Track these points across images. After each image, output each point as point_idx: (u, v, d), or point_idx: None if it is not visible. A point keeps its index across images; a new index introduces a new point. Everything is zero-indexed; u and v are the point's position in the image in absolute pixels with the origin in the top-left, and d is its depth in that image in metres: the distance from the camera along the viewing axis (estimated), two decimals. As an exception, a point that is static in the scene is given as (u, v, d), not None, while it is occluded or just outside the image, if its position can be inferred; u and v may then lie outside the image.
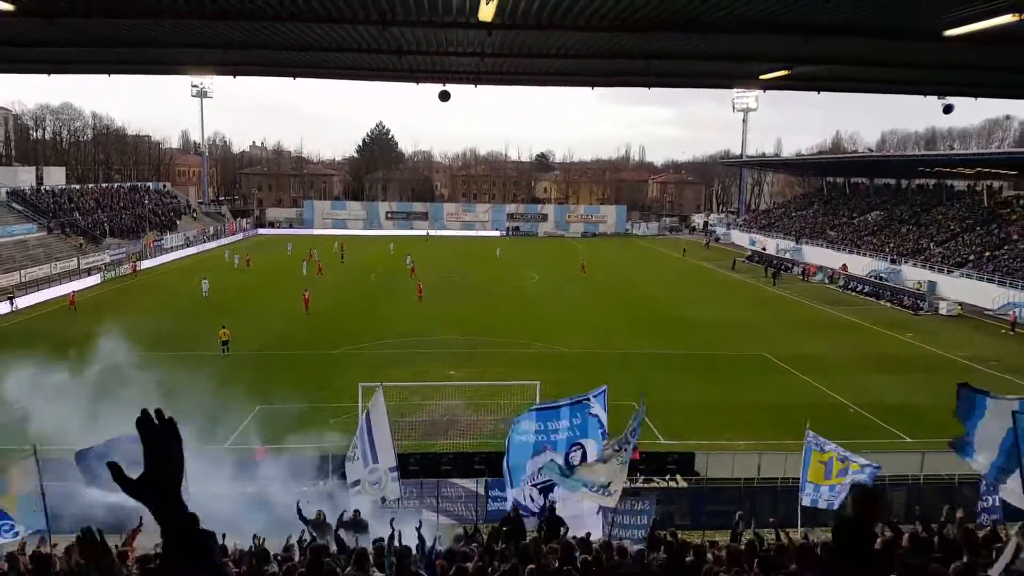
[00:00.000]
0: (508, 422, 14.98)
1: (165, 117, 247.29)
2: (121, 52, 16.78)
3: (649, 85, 20.46)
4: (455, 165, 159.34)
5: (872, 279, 64.50)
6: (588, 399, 14.10)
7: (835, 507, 15.22)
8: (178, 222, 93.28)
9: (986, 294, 54.03)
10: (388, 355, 37.12)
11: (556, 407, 14.32)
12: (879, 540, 10.17)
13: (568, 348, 39.76)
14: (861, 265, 69.60)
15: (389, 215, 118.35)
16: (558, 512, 13.40)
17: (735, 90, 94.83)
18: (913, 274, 62.73)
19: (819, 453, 16.12)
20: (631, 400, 29.22)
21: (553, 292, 59.51)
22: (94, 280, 60.95)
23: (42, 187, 79.81)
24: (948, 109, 19.38)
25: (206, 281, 55.58)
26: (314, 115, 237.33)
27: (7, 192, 72.38)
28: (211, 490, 17.47)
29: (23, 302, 50.05)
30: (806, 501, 16.12)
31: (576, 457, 13.84)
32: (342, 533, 12.31)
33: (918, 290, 58.28)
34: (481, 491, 20.46)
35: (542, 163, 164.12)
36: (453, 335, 41.76)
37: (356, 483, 14.59)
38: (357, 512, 13.39)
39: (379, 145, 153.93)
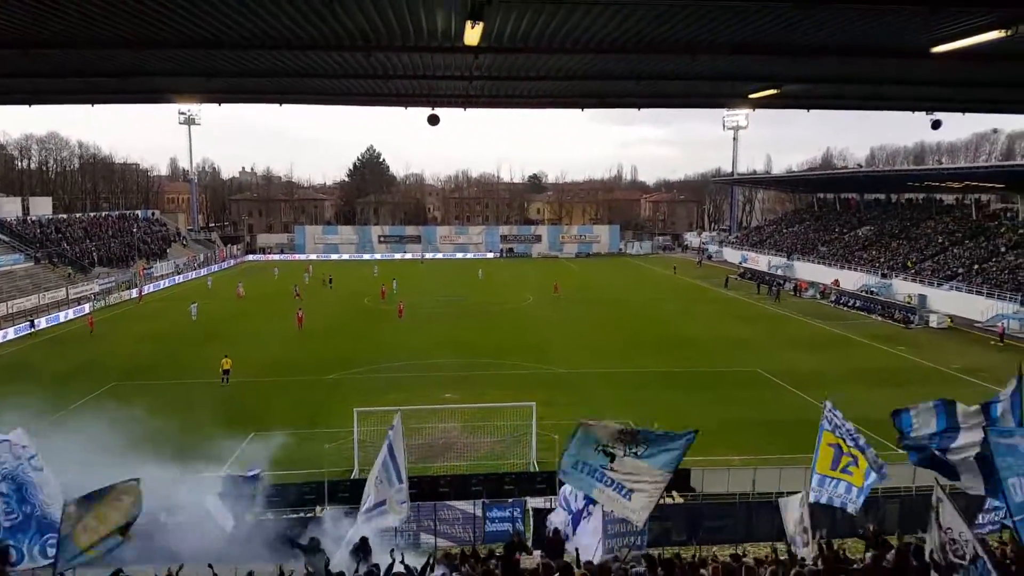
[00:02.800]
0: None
1: (153, 144, 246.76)
2: (102, 82, 16.75)
3: (639, 106, 20.61)
4: (447, 187, 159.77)
5: (863, 293, 64.75)
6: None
7: (848, 509, 13.70)
8: (168, 250, 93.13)
9: (975, 306, 54.32)
10: (383, 379, 36.98)
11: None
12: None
13: (563, 368, 39.70)
14: (853, 280, 69.90)
15: (382, 239, 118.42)
16: (562, 535, 13.41)
17: (725, 109, 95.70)
18: (904, 288, 63.01)
19: (830, 434, 14.54)
20: (625, 417, 29.25)
21: (547, 313, 59.50)
22: (97, 304, 61.89)
23: (28, 217, 79.56)
24: (936, 124, 19.59)
25: (195, 305, 56.51)
26: (303, 139, 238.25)
27: (-8, 223, 72.15)
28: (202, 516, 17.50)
29: (15, 331, 50.03)
30: (812, 497, 14.13)
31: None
32: (348, 560, 12.20)
33: (909, 304, 58.53)
34: (479, 513, 20.31)
35: (535, 184, 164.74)
36: (448, 358, 41.64)
37: (381, 504, 14.36)
38: (365, 540, 13.27)
39: (370, 169, 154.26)
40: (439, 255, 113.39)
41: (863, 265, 72.30)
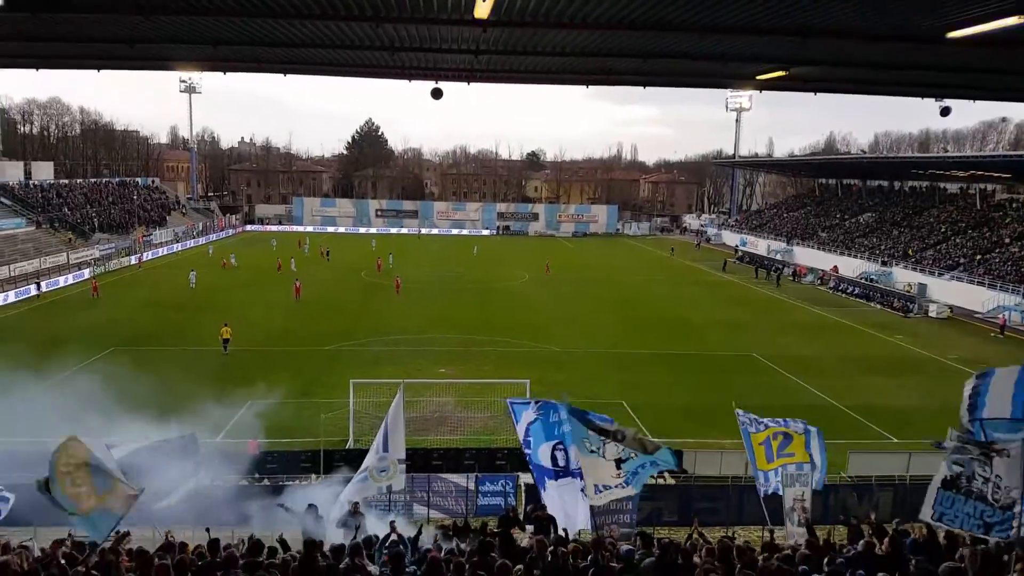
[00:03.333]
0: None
1: (154, 112, 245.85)
2: (110, 48, 16.60)
3: (644, 84, 20.42)
4: (445, 163, 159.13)
5: (863, 281, 64.76)
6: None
7: (814, 486, 13.98)
8: (167, 217, 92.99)
9: (976, 297, 54.26)
10: (380, 352, 37.06)
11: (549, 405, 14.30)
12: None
13: (558, 347, 39.76)
14: (852, 267, 69.86)
15: (379, 213, 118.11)
16: (549, 509, 13.42)
17: (729, 90, 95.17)
18: (904, 276, 62.99)
19: (754, 435, 14.47)
20: (619, 398, 29.39)
21: (542, 291, 59.50)
22: (98, 270, 61.98)
23: (30, 182, 79.20)
24: (945, 111, 19.34)
25: (194, 273, 56.70)
26: (303, 111, 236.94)
27: (-5, 187, 71.90)
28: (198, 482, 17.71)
29: (16, 295, 50.12)
30: (760, 492, 14.40)
31: (561, 457, 13.91)
32: (339, 526, 12.32)
33: (908, 292, 58.55)
34: (471, 486, 20.46)
35: (533, 162, 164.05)
36: (444, 333, 41.72)
37: (363, 471, 14.59)
38: (356, 505, 13.41)
39: (369, 142, 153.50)
40: (435, 230, 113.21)
41: (863, 252, 72.23)
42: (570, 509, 13.46)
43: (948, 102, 19.36)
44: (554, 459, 13.84)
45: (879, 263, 67.97)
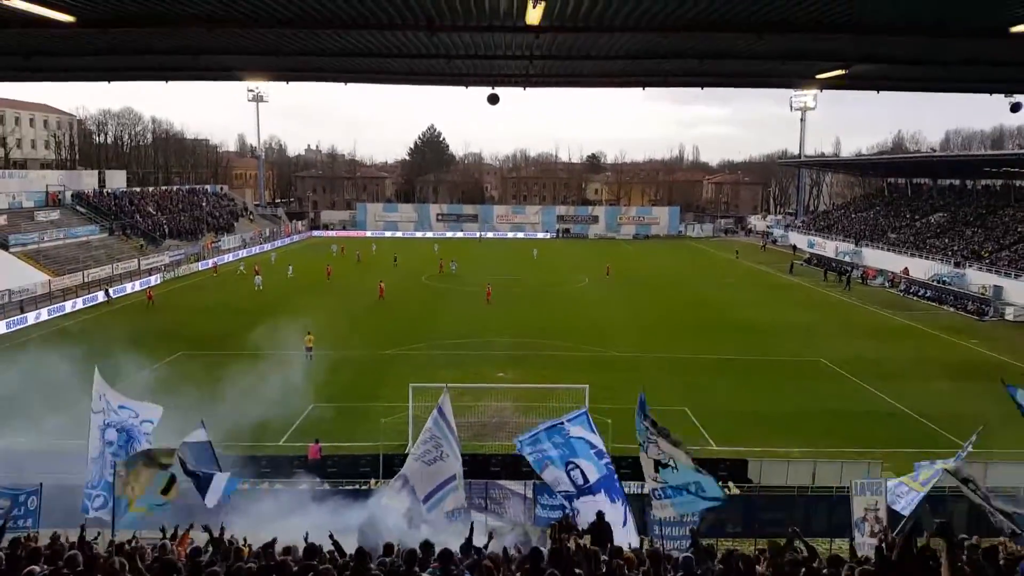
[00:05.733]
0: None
1: (222, 121, 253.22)
2: (176, 60, 17.15)
3: (703, 85, 20.13)
4: (505, 167, 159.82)
5: (935, 283, 62.44)
6: (562, 423, 14.33)
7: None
8: (235, 224, 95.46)
9: (1055, 299, 51.81)
10: (438, 356, 37.32)
11: (535, 433, 14.72)
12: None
13: (618, 352, 39.41)
14: (923, 268, 67.36)
15: (440, 217, 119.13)
16: (606, 518, 13.26)
17: (792, 89, 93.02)
18: (978, 278, 60.47)
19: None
20: (682, 404, 28.96)
21: (602, 295, 59.07)
22: (168, 275, 65.23)
23: (104, 190, 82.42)
24: (1016, 107, 18.53)
25: (259, 276, 59.36)
26: (367, 118, 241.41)
27: (71, 195, 75.21)
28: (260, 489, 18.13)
29: (85, 301, 52.17)
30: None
31: (577, 476, 14.00)
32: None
33: (983, 295, 56.23)
34: (529, 494, 20.29)
35: (593, 164, 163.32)
36: (505, 337, 41.74)
37: (451, 478, 14.50)
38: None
39: (430, 148, 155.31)
40: (494, 234, 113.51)
41: (935, 253, 69.66)
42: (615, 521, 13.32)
43: (1019, 98, 18.54)
44: (571, 479, 13.94)
45: (952, 264, 65.44)
